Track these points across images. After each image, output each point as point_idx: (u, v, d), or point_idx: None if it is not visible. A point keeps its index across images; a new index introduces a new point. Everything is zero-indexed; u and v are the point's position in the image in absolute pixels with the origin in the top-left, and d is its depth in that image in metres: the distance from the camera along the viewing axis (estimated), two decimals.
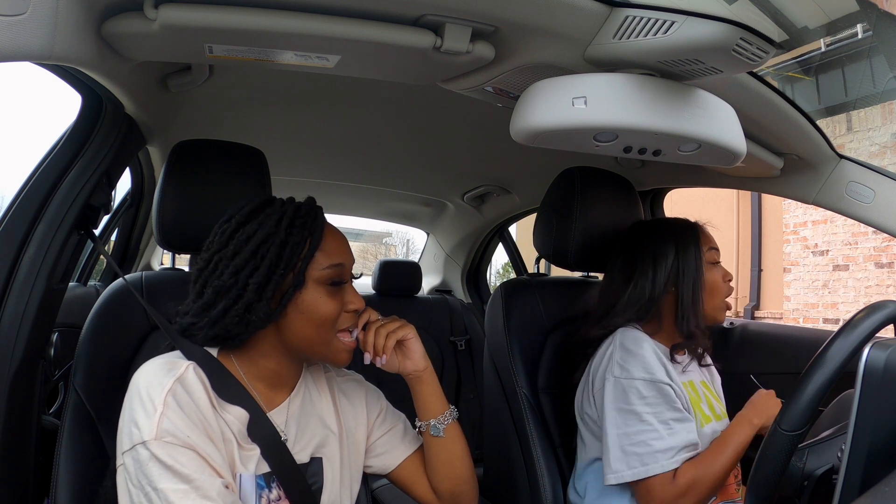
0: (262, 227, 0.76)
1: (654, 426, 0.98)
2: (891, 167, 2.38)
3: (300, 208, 0.79)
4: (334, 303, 0.78)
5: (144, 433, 0.66)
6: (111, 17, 0.73)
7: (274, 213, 0.78)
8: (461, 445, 0.90)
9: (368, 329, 0.84)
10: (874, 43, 4.23)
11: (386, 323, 0.86)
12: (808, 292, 6.01)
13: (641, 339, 1.06)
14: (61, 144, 0.93)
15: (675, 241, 1.10)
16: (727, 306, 1.14)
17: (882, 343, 0.64)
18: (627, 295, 1.11)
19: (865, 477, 0.59)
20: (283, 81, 1.23)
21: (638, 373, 1.01)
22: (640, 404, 0.99)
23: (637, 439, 0.98)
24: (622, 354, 1.04)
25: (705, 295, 1.09)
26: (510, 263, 2.79)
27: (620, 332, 1.08)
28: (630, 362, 1.02)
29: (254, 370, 0.80)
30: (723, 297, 1.13)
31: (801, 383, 0.71)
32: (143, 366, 0.73)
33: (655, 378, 1.01)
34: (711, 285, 1.11)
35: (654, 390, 1.00)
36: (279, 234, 0.75)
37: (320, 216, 0.81)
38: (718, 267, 1.13)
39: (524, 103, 0.80)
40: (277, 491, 0.76)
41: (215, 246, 0.78)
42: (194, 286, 0.78)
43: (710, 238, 1.14)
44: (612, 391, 1.02)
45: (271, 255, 0.74)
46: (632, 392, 1.00)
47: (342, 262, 0.80)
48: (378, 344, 0.84)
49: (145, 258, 2.27)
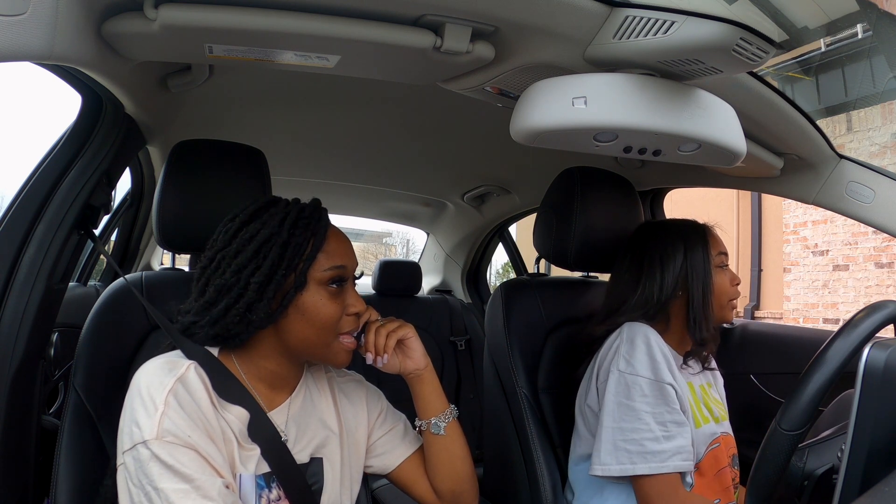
0: (266, 227, 0.76)
1: (651, 426, 0.98)
2: (891, 167, 2.37)
3: (304, 209, 0.79)
4: (335, 305, 0.78)
5: (145, 433, 0.66)
6: (111, 17, 0.73)
7: (278, 213, 0.78)
8: (461, 444, 0.91)
9: (369, 329, 0.84)
10: (874, 43, 4.24)
11: (385, 323, 0.86)
12: (808, 292, 6.01)
13: (649, 333, 1.05)
14: (61, 144, 0.93)
15: (684, 243, 1.10)
16: (734, 306, 1.14)
17: (882, 343, 0.64)
18: (636, 297, 1.11)
19: (865, 477, 0.59)
20: (283, 81, 1.23)
21: (643, 370, 1.01)
22: (641, 402, 0.99)
23: (631, 437, 0.98)
24: (628, 348, 1.04)
25: (714, 298, 1.09)
26: (510, 263, 2.79)
27: (628, 326, 1.07)
28: (636, 358, 1.02)
29: (254, 370, 0.80)
30: (728, 299, 1.12)
31: (801, 383, 0.71)
32: (144, 365, 0.73)
33: (659, 377, 1.00)
34: (720, 289, 1.10)
35: (657, 390, 1.00)
36: (282, 234, 0.76)
37: (324, 218, 0.81)
38: (727, 270, 1.13)
39: (524, 103, 0.80)
40: (277, 491, 0.76)
41: (218, 244, 0.78)
42: (197, 284, 0.79)
43: (718, 242, 1.14)
44: (616, 384, 1.02)
45: (273, 254, 0.75)
46: (634, 388, 1.00)
47: (344, 264, 0.80)
48: (379, 344, 0.84)
49: (145, 258, 2.27)
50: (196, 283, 0.79)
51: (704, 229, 1.14)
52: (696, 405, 1.07)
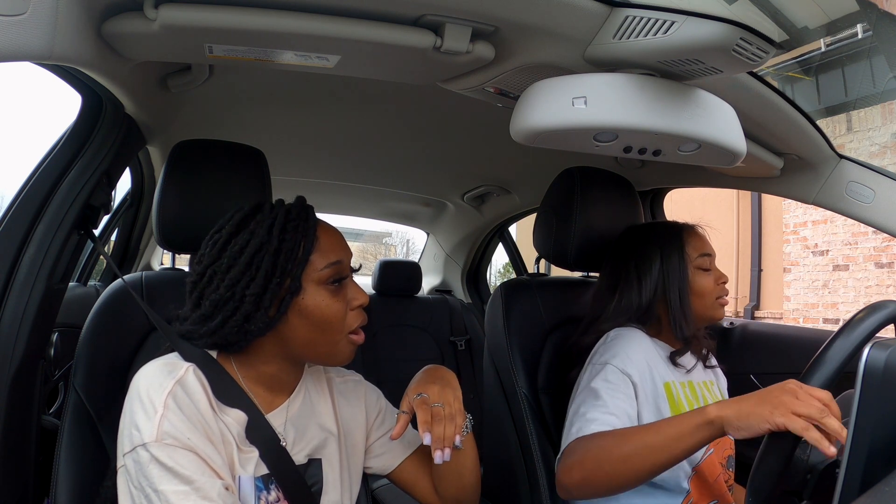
0: (255, 237, 0.74)
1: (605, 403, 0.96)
2: (891, 167, 2.38)
3: (290, 211, 0.78)
4: (338, 302, 0.77)
5: (145, 435, 0.66)
6: (111, 17, 0.73)
7: (265, 219, 0.76)
8: (473, 455, 0.89)
9: (436, 423, 0.78)
10: (874, 43, 4.24)
11: (448, 412, 0.79)
12: (808, 292, 6.01)
13: (634, 337, 1.05)
14: (61, 144, 0.93)
15: (660, 249, 1.10)
16: (723, 303, 1.12)
17: (882, 343, 0.64)
18: (614, 304, 1.12)
19: (865, 477, 0.59)
20: (283, 81, 1.23)
21: (613, 360, 1.01)
22: (602, 384, 0.98)
23: (583, 411, 0.96)
24: (605, 346, 1.05)
25: (694, 299, 1.09)
26: (510, 263, 2.80)
27: (614, 332, 1.08)
28: (610, 350, 1.03)
29: (253, 374, 0.80)
30: (714, 298, 1.11)
31: (804, 377, 0.71)
32: (144, 367, 0.73)
33: (625, 370, 1.00)
34: (701, 290, 1.09)
35: (621, 379, 0.99)
36: (272, 241, 0.74)
37: (312, 216, 0.79)
38: (711, 272, 1.11)
39: (524, 103, 0.80)
40: (276, 493, 0.76)
41: (207, 259, 0.76)
42: (190, 297, 0.77)
43: (700, 242, 1.12)
44: (588, 375, 1.03)
45: (266, 264, 0.73)
46: (599, 374, 1.00)
47: (340, 258, 0.78)
48: (448, 436, 0.78)
49: (145, 258, 2.27)
50: (189, 295, 0.78)
51: (682, 233, 1.12)
52: (689, 406, 1.06)
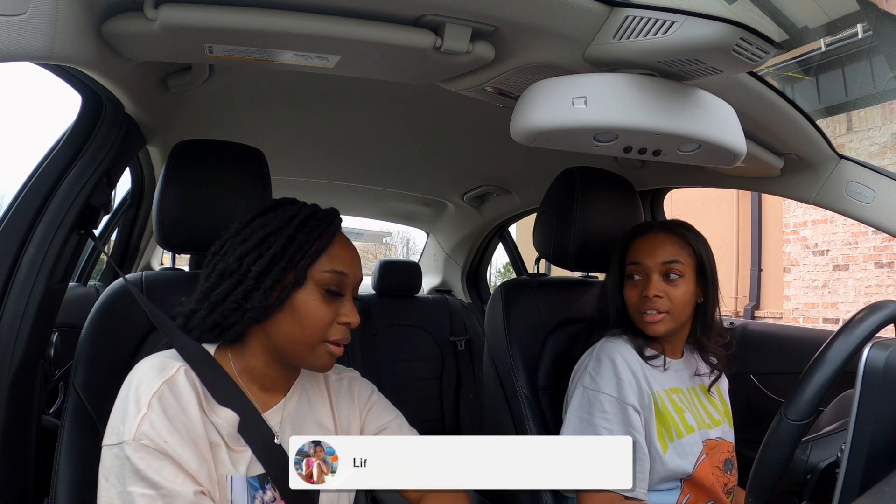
0: (275, 220, 0.79)
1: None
2: (891, 167, 2.37)
3: (317, 212, 0.81)
4: (328, 310, 0.77)
5: (125, 433, 0.68)
6: (111, 18, 0.73)
7: (291, 210, 0.80)
8: None
9: None
10: (874, 43, 4.24)
11: None
12: (808, 292, 6.01)
13: (619, 351, 1.04)
14: (61, 144, 0.93)
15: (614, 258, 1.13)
16: (647, 319, 1.05)
17: (882, 343, 0.64)
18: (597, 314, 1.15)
19: (865, 477, 0.59)
20: (283, 81, 1.23)
21: (606, 388, 1.01)
22: (601, 419, 1.00)
23: None
24: (595, 365, 1.04)
25: (628, 307, 1.09)
26: (510, 263, 2.80)
27: (601, 342, 1.08)
28: (601, 375, 1.02)
29: (247, 370, 0.80)
30: (637, 311, 1.06)
31: (805, 377, 0.71)
32: (141, 362, 0.74)
33: (622, 397, 1.00)
34: (626, 299, 1.09)
35: (619, 409, 1.00)
36: (289, 229, 0.77)
37: (335, 224, 0.82)
38: (638, 282, 1.06)
39: (524, 103, 0.80)
40: (272, 492, 0.76)
41: (230, 231, 0.81)
42: (206, 268, 0.81)
43: (637, 250, 1.08)
44: (579, 399, 1.03)
45: (276, 246, 0.76)
46: (596, 405, 1.01)
47: (345, 271, 0.79)
48: None
49: (145, 258, 2.27)
50: (205, 266, 0.81)
51: (626, 239, 1.12)
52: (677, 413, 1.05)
